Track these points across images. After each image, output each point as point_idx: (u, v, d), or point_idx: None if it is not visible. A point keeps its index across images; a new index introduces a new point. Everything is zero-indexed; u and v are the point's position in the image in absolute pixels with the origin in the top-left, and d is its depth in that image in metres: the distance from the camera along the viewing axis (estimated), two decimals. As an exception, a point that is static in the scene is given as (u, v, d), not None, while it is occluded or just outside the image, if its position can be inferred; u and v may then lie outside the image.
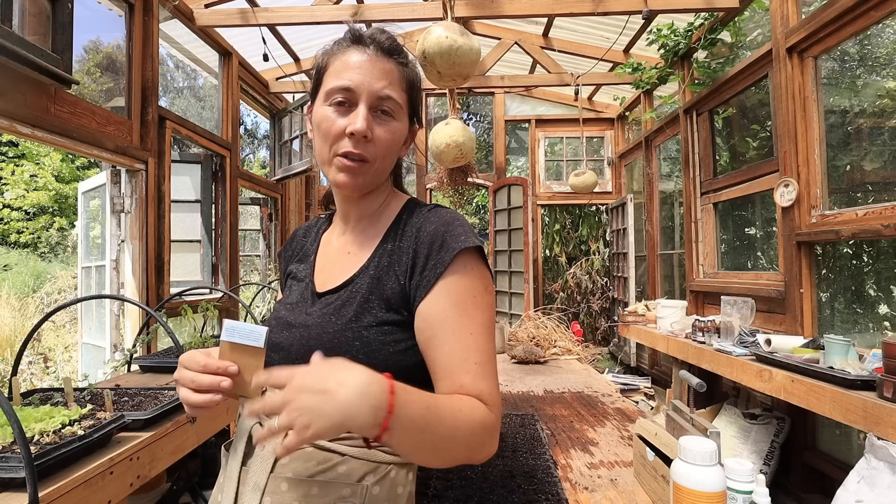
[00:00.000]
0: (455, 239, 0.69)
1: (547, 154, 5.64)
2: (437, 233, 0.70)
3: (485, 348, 0.67)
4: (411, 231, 0.73)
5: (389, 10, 3.12)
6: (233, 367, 0.63)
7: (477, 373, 0.65)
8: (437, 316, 0.67)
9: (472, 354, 0.66)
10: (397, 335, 0.68)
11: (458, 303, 0.67)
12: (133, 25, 2.65)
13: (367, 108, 0.70)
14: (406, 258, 0.71)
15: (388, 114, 0.72)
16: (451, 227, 0.71)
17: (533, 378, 2.58)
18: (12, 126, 1.87)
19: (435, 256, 0.68)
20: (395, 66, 0.74)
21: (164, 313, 1.94)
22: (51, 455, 0.96)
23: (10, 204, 11.42)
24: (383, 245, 0.75)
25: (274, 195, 4.70)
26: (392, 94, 0.72)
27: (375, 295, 0.70)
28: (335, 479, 0.64)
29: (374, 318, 0.69)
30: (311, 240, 0.88)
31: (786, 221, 2.42)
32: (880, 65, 2.39)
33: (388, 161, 0.75)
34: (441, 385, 0.66)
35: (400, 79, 0.74)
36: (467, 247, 0.68)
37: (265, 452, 0.66)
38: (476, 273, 0.70)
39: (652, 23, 3.54)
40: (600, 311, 5.57)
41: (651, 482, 1.18)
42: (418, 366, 0.69)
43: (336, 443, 0.65)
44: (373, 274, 0.72)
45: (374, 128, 0.71)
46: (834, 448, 2.22)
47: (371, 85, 0.70)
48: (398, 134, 0.74)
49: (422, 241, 0.71)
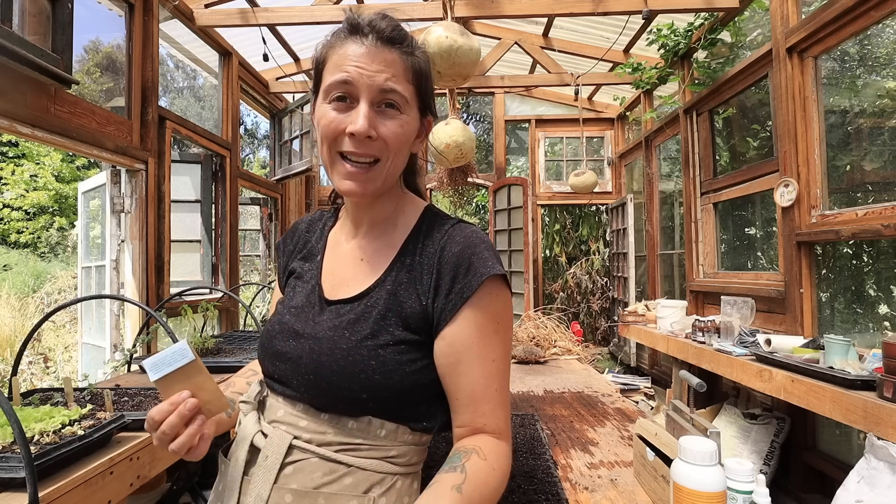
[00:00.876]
0: (483, 264, 0.66)
1: (547, 154, 5.63)
2: (463, 255, 0.67)
3: (504, 374, 0.68)
4: (433, 248, 0.69)
5: (389, 10, 3.10)
6: (183, 394, 0.60)
7: (497, 400, 0.66)
8: (462, 343, 0.65)
9: (494, 381, 0.66)
10: (413, 354, 0.66)
11: (482, 329, 0.65)
12: (133, 25, 2.65)
13: (368, 104, 0.65)
14: (428, 278, 0.68)
15: (394, 107, 0.67)
16: (478, 249, 0.68)
17: (533, 378, 2.58)
18: (12, 126, 1.87)
19: (461, 280, 0.65)
20: (399, 55, 0.67)
21: (164, 313, 1.94)
22: (51, 455, 0.96)
23: (10, 204, 11.42)
24: (401, 258, 0.71)
25: (274, 195, 4.70)
26: (396, 87, 0.66)
27: (393, 312, 0.67)
28: (341, 490, 0.63)
29: (392, 337, 0.66)
30: (317, 237, 0.82)
31: (786, 221, 2.42)
32: (880, 65, 2.39)
33: (400, 159, 0.70)
34: (462, 409, 0.66)
35: (405, 69, 0.68)
36: (494, 274, 0.66)
37: (269, 462, 0.64)
38: (501, 299, 0.68)
39: (652, 23, 3.54)
40: (600, 311, 5.57)
41: (651, 482, 1.18)
42: (432, 384, 0.68)
43: (342, 454, 0.64)
44: (390, 289, 0.69)
45: (379, 125, 0.65)
46: (834, 448, 2.22)
47: (372, 78, 0.64)
48: (407, 129, 0.68)
49: (446, 262, 0.67)
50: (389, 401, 0.65)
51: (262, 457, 0.65)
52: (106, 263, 2.76)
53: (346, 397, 0.64)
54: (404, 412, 0.67)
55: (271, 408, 0.70)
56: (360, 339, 0.65)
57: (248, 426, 0.69)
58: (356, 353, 0.64)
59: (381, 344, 0.65)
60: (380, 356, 0.64)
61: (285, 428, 0.67)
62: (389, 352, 0.65)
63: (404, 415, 0.67)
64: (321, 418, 0.66)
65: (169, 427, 0.58)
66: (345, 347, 0.65)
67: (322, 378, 0.64)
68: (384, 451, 0.66)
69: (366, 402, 0.64)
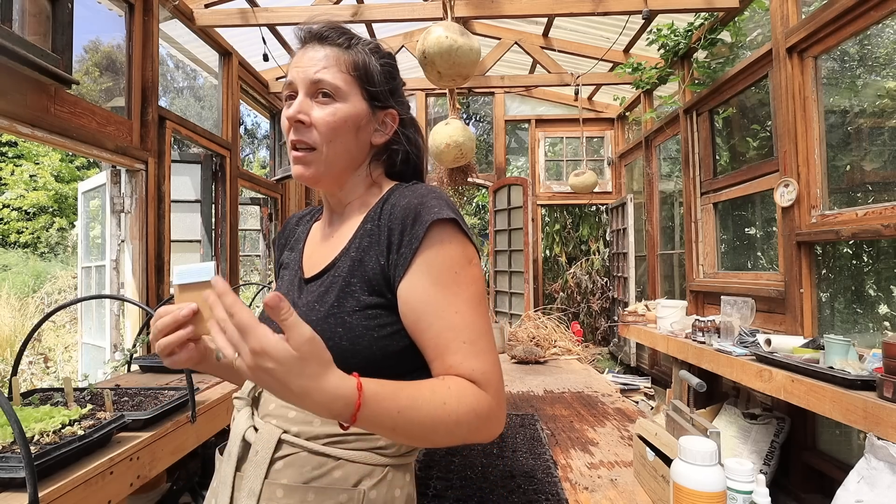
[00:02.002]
0: (428, 211, 0.65)
1: (547, 154, 5.63)
2: (409, 206, 0.67)
3: (474, 325, 0.64)
4: (388, 209, 0.71)
5: (389, 10, 3.12)
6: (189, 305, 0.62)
7: (468, 351, 0.62)
8: (418, 297, 0.64)
9: (461, 333, 0.63)
10: (382, 319, 0.66)
11: (438, 280, 0.64)
12: (133, 25, 2.64)
13: (304, 95, 0.71)
14: (383, 236, 0.68)
15: (328, 95, 0.71)
16: (426, 199, 0.67)
17: (533, 378, 2.57)
18: (12, 126, 1.87)
19: (409, 232, 0.65)
20: (332, 49, 0.73)
21: (164, 313, 1.94)
22: (51, 455, 0.96)
23: (9, 204, 11.42)
24: (363, 226, 0.72)
25: (274, 195, 4.70)
26: (325, 77, 0.70)
27: (357, 277, 0.68)
28: (331, 484, 0.63)
29: (357, 303, 0.66)
30: (302, 229, 0.87)
31: (786, 221, 2.42)
32: (880, 65, 2.39)
33: (340, 145, 0.72)
34: (434, 367, 0.65)
35: (338, 60, 0.72)
36: (440, 218, 0.64)
37: (259, 458, 0.65)
38: (455, 245, 0.66)
39: (652, 23, 3.54)
40: (600, 311, 5.57)
41: (651, 482, 1.18)
42: (407, 350, 0.66)
43: (330, 447, 0.64)
44: (353, 256, 0.70)
45: (312, 112, 0.71)
46: (834, 448, 2.22)
47: (305, 73, 0.71)
48: (340, 114, 0.71)
49: (395, 217, 0.68)
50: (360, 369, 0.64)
51: (252, 452, 0.66)
52: (106, 263, 2.76)
53: None
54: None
55: (265, 402, 0.71)
56: (328, 309, 0.67)
57: (241, 422, 0.70)
58: (325, 322, 0.66)
59: (346, 311, 0.66)
60: (346, 322, 0.65)
61: (276, 422, 0.67)
62: (356, 318, 0.65)
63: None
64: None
65: (163, 324, 0.61)
66: (314, 319, 0.66)
67: None
68: (372, 441, 0.65)
69: None
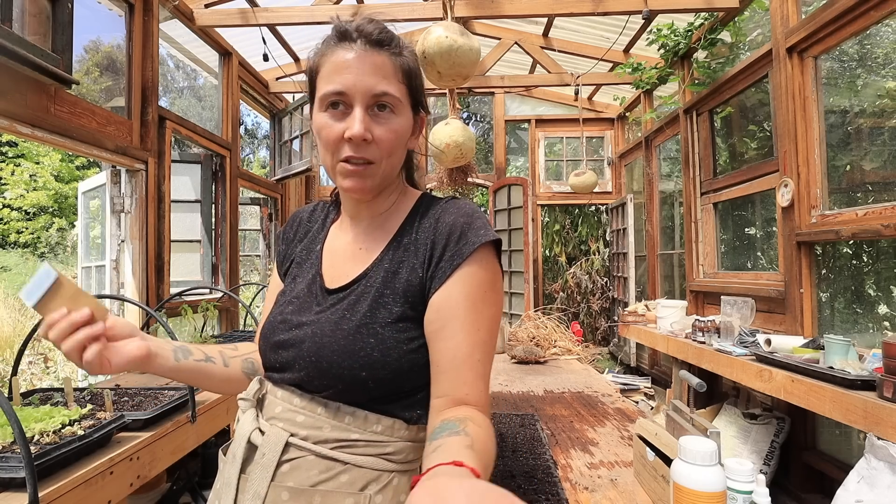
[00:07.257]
0: (475, 232, 0.68)
1: (547, 154, 5.63)
2: (456, 224, 0.69)
3: (488, 347, 0.67)
4: (429, 223, 0.71)
5: (389, 10, 3.12)
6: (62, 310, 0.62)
7: (479, 371, 0.65)
8: (449, 308, 0.66)
9: (477, 351, 0.65)
10: (411, 333, 0.67)
11: (470, 296, 0.66)
12: (133, 25, 2.64)
13: (363, 109, 0.67)
14: (424, 249, 0.69)
15: (388, 109, 0.69)
16: (472, 219, 0.70)
17: (533, 378, 2.57)
18: (12, 126, 1.87)
19: (453, 248, 0.67)
20: (388, 57, 0.69)
21: (164, 313, 1.94)
22: (51, 455, 0.96)
23: (9, 204, 11.42)
24: (398, 238, 0.73)
25: (274, 195, 4.70)
26: (388, 90, 0.67)
27: (390, 289, 0.69)
28: (338, 488, 0.63)
29: (389, 314, 0.67)
30: (318, 227, 0.84)
31: (786, 221, 2.42)
32: (880, 65, 2.39)
33: (396, 159, 0.72)
34: (442, 377, 0.65)
35: (395, 70, 0.69)
36: (487, 241, 0.67)
37: (266, 460, 0.64)
38: (491, 269, 0.68)
39: (652, 23, 3.54)
40: (600, 311, 5.57)
41: (651, 482, 1.18)
42: (428, 365, 0.68)
43: (338, 451, 0.64)
44: (387, 267, 0.70)
45: (374, 128, 0.67)
46: (834, 448, 2.22)
47: (364, 83, 0.66)
48: (401, 129, 0.70)
49: (440, 232, 0.69)
50: (387, 381, 0.65)
51: (259, 454, 0.66)
52: (106, 263, 2.75)
53: (346, 376, 0.65)
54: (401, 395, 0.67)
55: (270, 404, 0.71)
56: (360, 319, 0.67)
57: (246, 424, 0.69)
58: (356, 332, 0.66)
59: (379, 322, 0.67)
60: (378, 334, 0.66)
61: (282, 425, 0.67)
62: (388, 330, 0.66)
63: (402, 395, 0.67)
64: (318, 413, 0.66)
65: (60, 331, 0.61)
66: (345, 328, 0.67)
67: (323, 358, 0.66)
68: (380, 448, 0.66)
69: (365, 380, 0.65)
